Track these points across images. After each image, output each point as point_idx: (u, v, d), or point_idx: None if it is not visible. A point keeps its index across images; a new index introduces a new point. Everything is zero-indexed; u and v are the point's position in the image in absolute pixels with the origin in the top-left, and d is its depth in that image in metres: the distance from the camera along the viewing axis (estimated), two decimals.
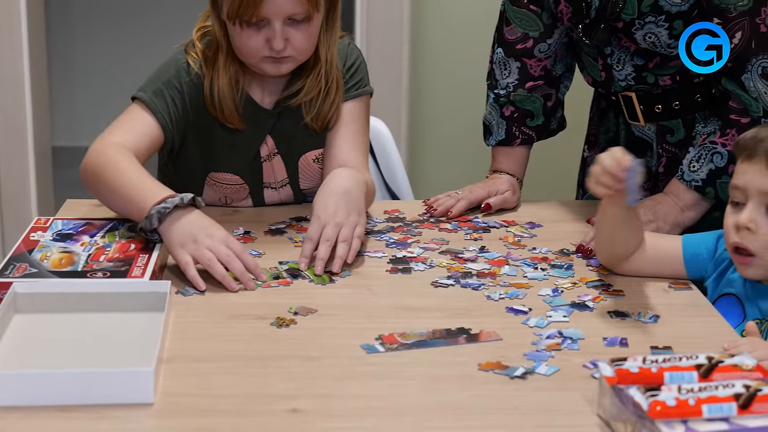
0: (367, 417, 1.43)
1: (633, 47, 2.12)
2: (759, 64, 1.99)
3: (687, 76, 2.12)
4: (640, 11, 2.05)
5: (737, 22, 1.98)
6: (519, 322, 1.73)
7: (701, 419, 1.31)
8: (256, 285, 1.84)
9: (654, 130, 2.21)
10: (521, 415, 1.45)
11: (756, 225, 1.72)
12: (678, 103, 2.15)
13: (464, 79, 3.71)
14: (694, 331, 1.72)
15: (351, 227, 1.96)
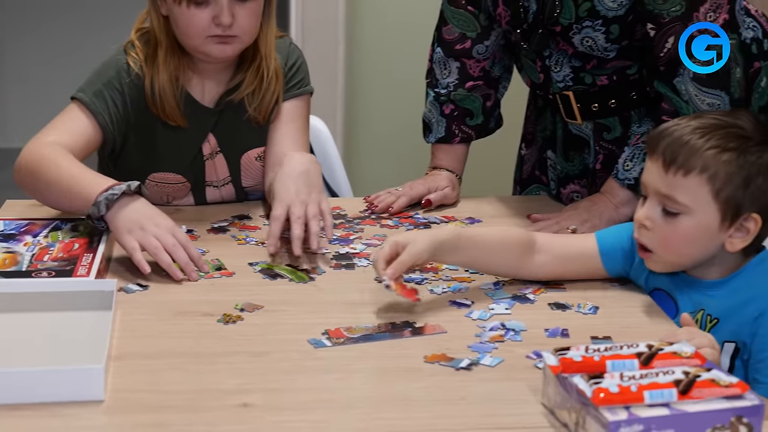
0: (317, 410, 1.45)
1: (571, 50, 2.16)
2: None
3: (623, 76, 2.17)
4: (578, 16, 2.09)
5: (670, 27, 2.03)
6: (462, 315, 1.76)
7: (643, 405, 1.34)
8: (199, 276, 1.87)
9: (591, 128, 2.26)
10: (468, 405, 1.48)
11: (652, 223, 1.74)
12: (614, 102, 2.20)
13: (399, 78, 3.74)
14: (632, 322, 1.76)
15: (315, 204, 1.99)
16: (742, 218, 1.70)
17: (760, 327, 1.68)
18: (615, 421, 1.32)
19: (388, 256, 1.74)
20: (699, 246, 1.73)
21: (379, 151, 3.87)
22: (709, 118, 1.73)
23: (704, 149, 1.68)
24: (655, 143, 1.74)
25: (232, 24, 2.06)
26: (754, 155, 1.69)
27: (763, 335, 1.68)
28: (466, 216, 2.24)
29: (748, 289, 1.72)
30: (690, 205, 1.70)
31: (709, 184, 1.68)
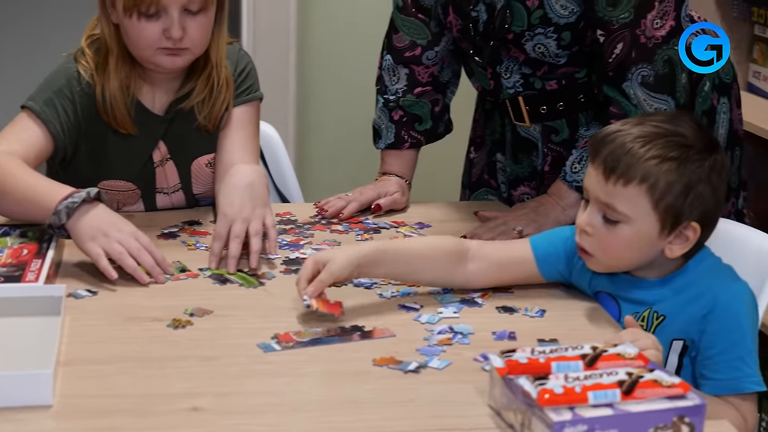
0: (266, 413, 1.46)
1: (522, 57, 2.18)
2: (638, 72, 2.07)
3: (572, 80, 2.20)
4: (530, 23, 2.12)
5: (619, 34, 2.06)
6: (411, 318, 1.78)
7: (587, 405, 1.37)
8: (165, 278, 1.88)
9: (539, 131, 2.28)
10: (416, 407, 1.49)
11: (593, 229, 1.75)
12: (562, 104, 2.23)
13: (351, 83, 3.76)
14: (578, 324, 1.79)
15: (259, 220, 2.00)
16: (681, 226, 1.72)
17: (708, 325, 1.71)
18: (559, 422, 1.34)
19: (309, 275, 1.75)
20: (638, 252, 1.75)
21: (330, 156, 3.88)
22: (651, 126, 1.73)
23: (645, 159, 1.69)
24: (596, 149, 1.75)
25: (182, 37, 2.06)
26: (695, 164, 1.70)
27: (711, 333, 1.71)
28: (416, 221, 2.26)
29: (693, 288, 1.75)
30: (629, 214, 1.71)
31: (648, 194, 1.70)
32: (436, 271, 1.86)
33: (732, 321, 1.70)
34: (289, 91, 3.78)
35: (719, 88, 2.28)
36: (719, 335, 1.70)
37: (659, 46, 2.05)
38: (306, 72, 3.81)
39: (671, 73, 2.06)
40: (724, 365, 1.69)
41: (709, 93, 2.26)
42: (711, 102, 2.26)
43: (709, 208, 1.73)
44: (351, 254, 1.77)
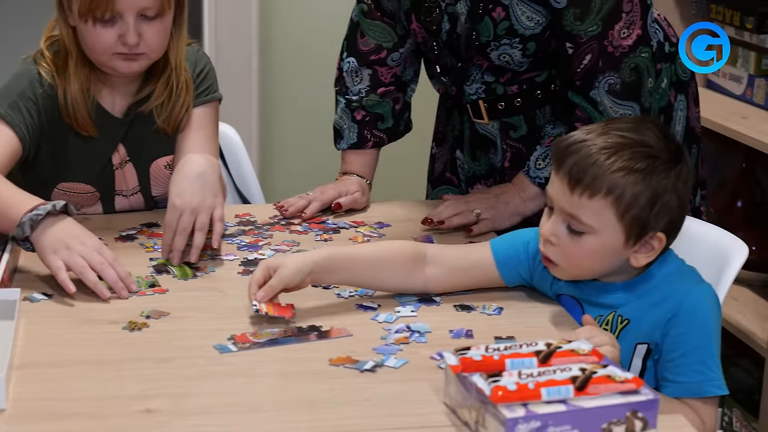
0: (222, 414, 1.46)
1: (486, 64, 2.19)
2: (605, 81, 2.08)
3: (533, 83, 2.21)
4: (496, 34, 2.13)
5: (588, 46, 2.07)
6: (368, 318, 1.78)
7: (541, 402, 1.37)
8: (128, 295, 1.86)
9: (497, 127, 2.29)
10: (372, 405, 1.50)
11: (557, 239, 1.74)
12: (519, 100, 2.24)
13: (315, 85, 3.75)
14: (536, 321, 1.79)
15: (208, 212, 2.00)
16: (647, 237, 1.71)
17: (672, 328, 1.70)
18: (513, 418, 1.34)
19: (260, 280, 1.75)
20: (603, 262, 1.75)
21: (294, 157, 3.87)
22: (616, 136, 1.71)
23: (610, 171, 1.68)
24: (561, 158, 1.73)
25: (138, 43, 2.05)
26: (661, 175, 1.69)
27: (674, 336, 1.70)
28: (376, 221, 2.25)
29: (658, 291, 1.74)
30: (594, 226, 1.70)
31: (614, 206, 1.68)
32: (393, 277, 1.85)
33: (696, 325, 1.70)
34: (252, 91, 3.77)
35: (677, 86, 2.29)
36: (683, 338, 1.70)
37: (626, 54, 2.07)
38: (269, 73, 3.80)
39: (637, 80, 2.08)
40: (687, 368, 1.69)
41: (666, 90, 2.27)
42: (668, 99, 2.27)
43: (675, 217, 1.72)
44: (302, 261, 1.77)
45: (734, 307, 2.75)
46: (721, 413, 2.87)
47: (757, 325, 2.63)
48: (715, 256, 1.99)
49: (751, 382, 2.87)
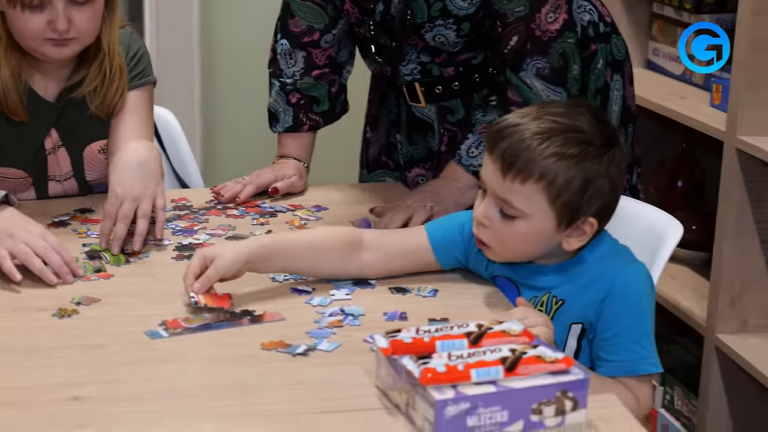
0: (152, 400, 1.45)
1: (421, 44, 2.18)
2: (533, 64, 2.07)
3: (469, 66, 2.20)
4: (430, 15, 2.12)
5: (514, 27, 2.07)
6: (302, 302, 1.77)
7: (470, 383, 1.37)
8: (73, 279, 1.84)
9: (435, 111, 2.28)
10: (304, 389, 1.49)
11: (490, 222, 1.74)
12: (457, 84, 2.23)
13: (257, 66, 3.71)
14: (470, 303, 1.79)
15: (150, 200, 1.98)
16: (579, 221, 1.71)
17: (605, 308, 1.71)
18: (442, 400, 1.34)
19: (196, 271, 1.74)
20: (535, 245, 1.75)
21: (237, 140, 3.85)
22: (549, 121, 1.70)
23: (543, 156, 1.67)
24: (494, 142, 1.72)
25: (68, 28, 2.02)
26: (594, 160, 1.69)
27: (607, 315, 1.71)
28: (313, 204, 2.24)
29: (591, 272, 1.75)
30: (526, 210, 1.70)
31: (546, 191, 1.68)
32: (329, 264, 1.84)
33: (629, 303, 1.71)
34: (194, 74, 3.74)
35: (612, 66, 2.29)
36: (616, 318, 1.70)
37: (554, 39, 2.06)
38: (211, 55, 3.77)
39: (565, 66, 2.08)
40: (621, 347, 1.70)
41: (603, 70, 2.27)
42: (604, 79, 2.28)
43: (607, 202, 1.73)
44: (239, 250, 1.75)
45: (673, 286, 2.77)
46: (663, 392, 2.90)
47: (695, 304, 2.65)
48: (651, 236, 2.00)
49: (692, 360, 2.90)
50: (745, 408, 2.56)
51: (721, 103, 2.58)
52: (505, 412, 1.37)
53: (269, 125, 2.38)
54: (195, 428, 1.38)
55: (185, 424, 1.39)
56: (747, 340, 2.47)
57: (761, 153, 2.33)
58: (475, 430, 1.36)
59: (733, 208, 2.44)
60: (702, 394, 2.58)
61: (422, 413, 1.37)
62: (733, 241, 2.45)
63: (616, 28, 2.32)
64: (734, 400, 2.55)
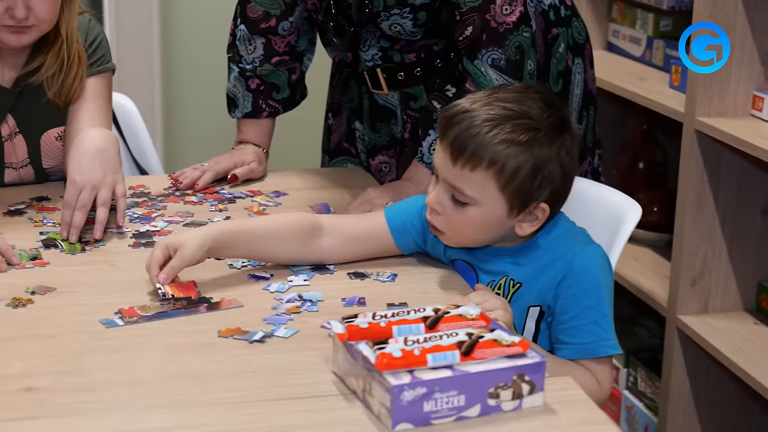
0: (104, 390, 1.43)
1: (378, 33, 2.16)
2: (489, 55, 2.05)
3: (430, 52, 2.18)
4: (386, 4, 2.10)
5: (469, 17, 2.05)
6: (260, 288, 1.76)
7: (426, 368, 1.36)
8: (8, 268, 1.82)
9: (397, 98, 2.27)
10: (260, 376, 1.48)
11: (442, 208, 1.73)
12: (419, 70, 2.21)
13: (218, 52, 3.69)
14: (429, 287, 1.79)
15: (109, 188, 1.96)
16: (530, 207, 1.71)
17: (562, 290, 1.71)
18: (398, 385, 1.33)
19: (160, 261, 1.72)
20: (487, 231, 1.74)
21: (200, 127, 3.83)
22: (499, 107, 1.70)
23: (492, 144, 1.67)
24: (445, 127, 1.72)
25: (27, 16, 2.00)
26: (543, 146, 1.68)
27: (566, 298, 1.71)
28: (272, 190, 2.23)
29: (548, 254, 1.75)
30: (477, 197, 1.69)
31: (496, 178, 1.68)
32: (290, 249, 1.83)
33: (586, 285, 1.70)
34: (154, 62, 3.71)
35: (573, 49, 2.29)
36: (574, 300, 1.70)
37: (510, 31, 2.04)
38: (171, 42, 3.74)
39: (521, 59, 2.06)
40: (579, 330, 1.70)
41: (564, 54, 2.26)
42: (566, 63, 2.27)
43: (558, 187, 1.72)
44: (202, 238, 1.74)
45: (636, 267, 2.77)
46: (627, 374, 2.90)
47: (658, 286, 2.65)
48: (611, 218, 2.00)
49: (655, 342, 2.91)
50: (707, 388, 2.57)
51: (681, 84, 2.58)
52: (461, 397, 1.36)
53: (228, 110, 2.36)
54: (146, 417, 1.37)
55: (137, 414, 1.38)
56: (708, 320, 2.47)
57: (720, 134, 2.33)
58: (431, 414, 1.35)
59: (692, 189, 2.44)
60: (665, 376, 2.59)
61: (379, 399, 1.36)
62: (693, 223, 2.46)
63: (577, 11, 2.31)
64: (696, 381, 2.55)
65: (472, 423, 1.36)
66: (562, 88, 2.26)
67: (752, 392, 2.38)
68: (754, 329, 2.45)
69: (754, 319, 2.49)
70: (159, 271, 1.72)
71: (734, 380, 2.49)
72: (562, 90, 2.26)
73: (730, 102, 2.40)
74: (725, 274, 2.50)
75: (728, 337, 2.41)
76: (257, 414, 1.38)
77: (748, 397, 2.57)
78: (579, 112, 2.30)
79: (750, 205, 2.48)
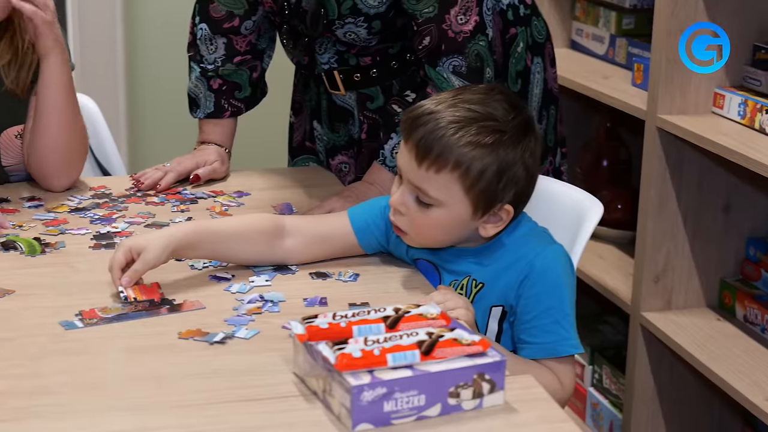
0: (62, 393, 1.42)
1: (334, 38, 2.16)
2: (450, 62, 2.05)
3: (386, 55, 2.18)
4: (341, 13, 2.09)
5: (426, 28, 2.05)
6: (222, 289, 1.75)
7: (387, 368, 1.36)
8: None
9: (354, 98, 2.26)
10: (220, 378, 1.47)
11: (406, 208, 1.73)
12: (375, 71, 2.21)
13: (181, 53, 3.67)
14: (391, 287, 1.78)
15: None
16: (495, 208, 1.71)
17: (524, 290, 1.71)
18: (358, 386, 1.33)
19: (122, 263, 1.71)
20: (452, 233, 1.74)
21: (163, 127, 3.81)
22: (464, 109, 1.69)
23: (457, 146, 1.66)
24: (409, 129, 1.71)
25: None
26: (508, 149, 1.68)
27: (527, 298, 1.71)
28: (235, 190, 2.22)
29: (510, 255, 1.75)
30: (441, 199, 1.69)
31: (460, 180, 1.68)
32: (253, 250, 1.82)
33: (548, 285, 1.70)
34: (118, 62, 3.69)
35: (533, 48, 2.29)
36: (536, 300, 1.70)
37: (468, 40, 2.04)
38: (135, 43, 3.72)
39: (481, 67, 2.06)
40: (541, 329, 1.70)
41: (523, 53, 2.27)
42: (525, 62, 2.27)
43: (522, 188, 1.72)
44: (166, 240, 1.73)
45: (600, 265, 2.78)
46: (592, 371, 2.91)
47: (622, 283, 2.66)
48: (573, 215, 2.01)
49: (620, 339, 2.92)
50: (670, 384, 2.58)
51: (643, 82, 2.59)
52: (422, 396, 1.36)
53: (189, 110, 2.35)
54: (104, 421, 1.36)
55: (95, 417, 1.36)
56: (671, 317, 2.49)
57: (681, 131, 2.34)
58: (392, 415, 1.35)
59: (654, 186, 2.45)
60: (629, 372, 2.60)
61: (339, 399, 1.36)
62: (655, 220, 2.47)
63: (537, 10, 2.32)
64: (660, 378, 2.57)
65: (433, 423, 1.36)
66: (521, 88, 2.26)
67: (715, 388, 2.39)
68: (717, 325, 2.46)
69: (716, 315, 2.50)
70: (121, 273, 1.70)
71: (697, 376, 2.50)
72: (521, 90, 2.26)
73: (691, 99, 2.41)
74: (688, 270, 2.52)
75: (691, 334, 2.42)
76: (217, 416, 1.37)
77: (710, 393, 2.58)
78: (539, 111, 2.31)
79: (712, 202, 2.49)
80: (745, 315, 2.44)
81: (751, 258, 2.51)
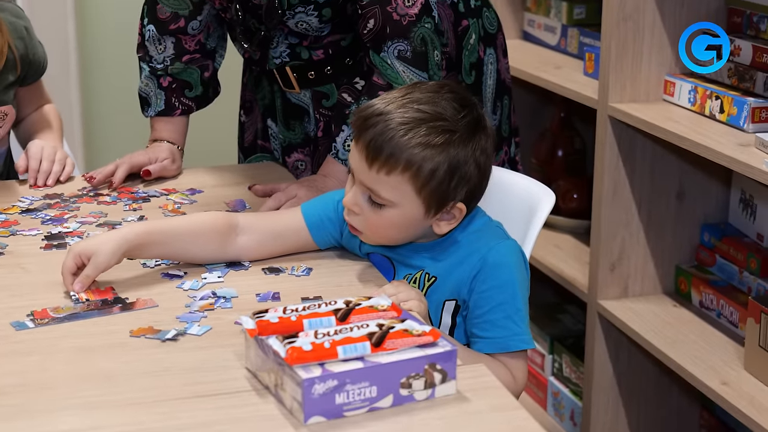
0: (12, 395, 1.41)
1: (286, 29, 2.15)
2: (395, 47, 2.05)
3: (338, 48, 2.18)
4: (290, 3, 2.09)
5: (369, 10, 2.04)
6: (174, 286, 1.74)
7: (337, 360, 1.36)
8: None
9: (309, 96, 2.26)
10: (172, 375, 1.46)
11: (359, 208, 1.73)
12: (330, 69, 2.21)
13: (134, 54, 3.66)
14: (344, 281, 1.78)
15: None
16: (447, 207, 1.72)
17: (477, 285, 1.72)
18: (309, 379, 1.33)
19: (72, 269, 1.70)
20: (406, 231, 1.75)
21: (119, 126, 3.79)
22: (414, 110, 1.69)
23: (408, 147, 1.66)
24: (360, 129, 1.71)
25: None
26: (458, 148, 1.69)
27: (480, 293, 1.71)
28: (187, 187, 2.21)
29: (463, 249, 1.75)
30: (394, 200, 1.69)
31: (412, 181, 1.68)
32: (206, 248, 1.81)
33: (500, 281, 1.71)
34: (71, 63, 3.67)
35: (485, 40, 2.29)
36: (488, 294, 1.71)
37: (414, 23, 2.04)
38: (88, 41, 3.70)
39: (425, 51, 2.06)
40: (493, 324, 1.70)
41: (476, 45, 2.27)
42: (478, 54, 2.28)
43: (474, 186, 1.73)
44: (116, 242, 1.72)
45: (557, 255, 2.79)
46: (552, 360, 2.93)
47: (579, 272, 2.67)
48: (526, 206, 2.01)
49: (579, 328, 2.93)
50: (629, 371, 2.59)
51: (594, 71, 2.61)
52: (373, 388, 1.36)
53: (141, 109, 2.34)
54: (56, 420, 1.35)
55: (46, 417, 1.36)
56: (628, 304, 2.50)
57: (633, 119, 2.35)
58: (344, 407, 1.35)
59: (608, 175, 2.46)
60: (587, 360, 2.61)
61: (290, 393, 1.36)
62: (609, 208, 2.48)
63: (488, 1, 2.32)
64: (618, 365, 2.58)
65: (385, 413, 1.36)
66: (474, 80, 2.27)
67: (673, 374, 2.41)
68: (674, 312, 2.48)
69: (673, 302, 2.52)
70: (72, 278, 1.69)
71: (655, 363, 2.52)
72: (475, 81, 2.27)
73: (642, 87, 2.43)
74: (643, 258, 2.53)
75: (648, 321, 2.43)
76: (169, 413, 1.37)
77: (668, 379, 2.60)
78: (493, 102, 2.31)
79: (665, 190, 2.51)
80: (701, 301, 2.46)
81: (706, 244, 2.53)
